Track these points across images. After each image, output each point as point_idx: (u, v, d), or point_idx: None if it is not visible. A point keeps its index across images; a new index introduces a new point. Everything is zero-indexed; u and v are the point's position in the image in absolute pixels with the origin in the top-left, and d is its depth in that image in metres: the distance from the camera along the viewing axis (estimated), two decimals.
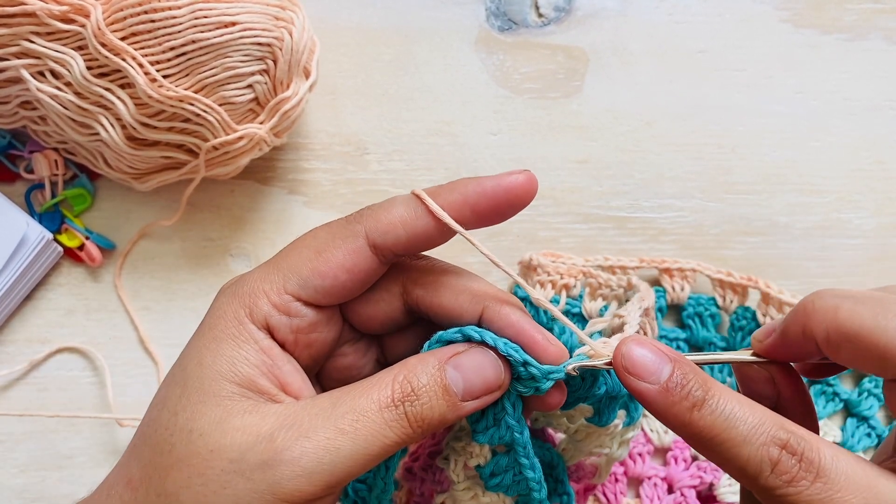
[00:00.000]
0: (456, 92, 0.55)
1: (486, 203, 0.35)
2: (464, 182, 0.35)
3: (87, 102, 0.46)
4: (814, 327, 0.32)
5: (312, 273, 0.34)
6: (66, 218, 0.52)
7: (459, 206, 0.34)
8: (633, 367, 0.32)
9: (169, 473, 0.32)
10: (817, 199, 0.55)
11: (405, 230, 0.34)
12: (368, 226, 0.34)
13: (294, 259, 0.34)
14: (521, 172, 0.35)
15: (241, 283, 0.35)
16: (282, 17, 0.47)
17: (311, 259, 0.34)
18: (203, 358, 0.33)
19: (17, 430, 0.52)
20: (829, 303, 0.32)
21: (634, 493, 0.51)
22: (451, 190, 0.35)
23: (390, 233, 0.34)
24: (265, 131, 0.48)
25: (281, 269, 0.34)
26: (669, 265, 0.52)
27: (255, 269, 0.35)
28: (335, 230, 0.34)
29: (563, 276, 0.50)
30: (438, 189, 0.35)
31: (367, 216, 0.34)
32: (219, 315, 0.34)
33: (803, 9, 0.56)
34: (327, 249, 0.34)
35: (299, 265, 0.34)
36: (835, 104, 0.55)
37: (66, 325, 0.52)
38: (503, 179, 0.35)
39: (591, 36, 0.55)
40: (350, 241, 0.34)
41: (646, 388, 0.32)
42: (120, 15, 0.45)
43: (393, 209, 0.34)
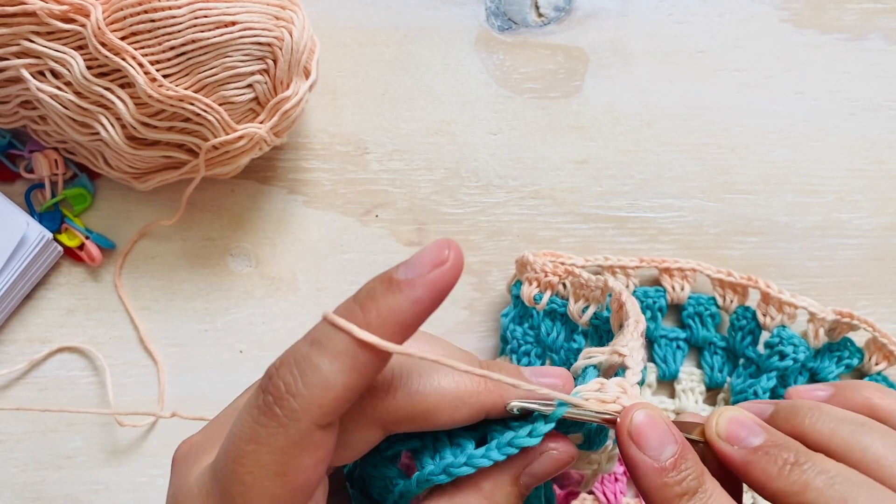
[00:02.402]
0: (456, 92, 0.55)
1: (422, 317, 0.28)
2: (389, 305, 0.28)
3: (87, 102, 0.46)
4: (807, 441, 0.32)
5: (291, 496, 0.28)
6: (66, 217, 0.52)
7: (401, 333, 0.28)
8: (637, 436, 0.31)
9: None
10: (817, 199, 0.55)
11: (354, 392, 0.28)
12: (314, 417, 0.27)
13: (255, 496, 0.27)
14: (446, 258, 0.28)
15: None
16: (282, 17, 0.47)
17: (278, 490, 0.28)
18: None
19: (17, 430, 0.52)
20: (823, 425, 0.32)
21: (634, 492, 0.51)
22: (381, 322, 0.27)
23: (341, 407, 0.28)
24: (265, 131, 0.48)
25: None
26: (669, 265, 0.52)
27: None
28: (277, 444, 0.27)
29: (548, 275, 0.50)
30: (363, 321, 0.27)
31: (299, 406, 0.27)
32: None
33: (803, 9, 0.56)
34: (286, 472, 0.27)
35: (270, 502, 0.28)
36: (835, 104, 0.55)
37: (66, 324, 0.52)
38: (434, 282, 0.28)
39: (591, 36, 0.55)
40: (304, 447, 0.27)
41: (643, 459, 0.31)
42: (120, 14, 0.45)
43: (329, 382, 0.27)
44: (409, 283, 0.28)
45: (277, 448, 0.27)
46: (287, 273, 0.53)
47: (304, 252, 0.53)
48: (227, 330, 0.53)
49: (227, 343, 0.53)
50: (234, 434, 0.28)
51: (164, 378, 0.52)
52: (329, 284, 0.53)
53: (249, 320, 0.53)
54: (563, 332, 0.50)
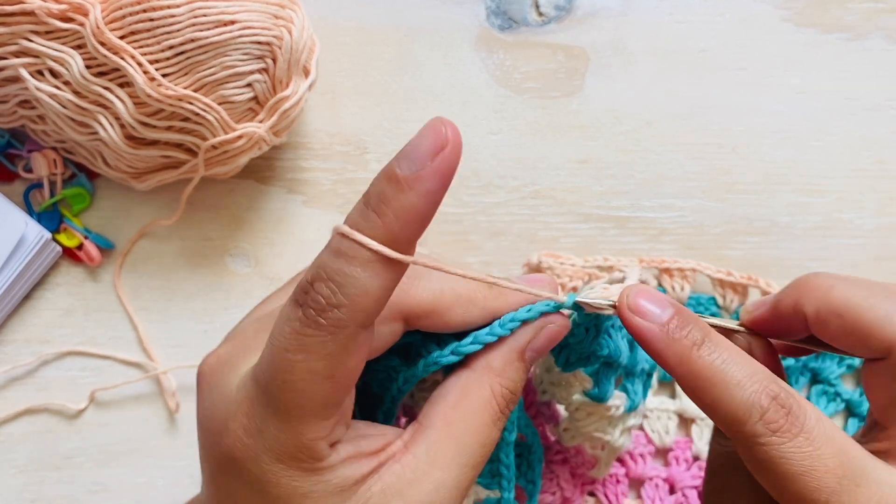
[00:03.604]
0: (456, 91, 0.55)
1: (435, 208, 0.30)
2: (404, 204, 0.29)
3: (86, 101, 0.46)
4: (805, 303, 0.33)
5: (340, 394, 0.30)
6: (65, 217, 0.52)
7: (419, 235, 0.30)
8: (636, 306, 0.33)
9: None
10: (818, 199, 0.54)
11: (387, 296, 0.30)
12: (358, 321, 0.29)
13: (311, 407, 0.30)
14: (447, 140, 0.29)
15: (273, 450, 0.31)
16: (281, 16, 0.47)
17: (329, 391, 0.30)
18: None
19: (16, 431, 0.51)
20: (824, 281, 0.33)
21: (636, 494, 0.51)
22: (402, 224, 0.29)
23: (378, 309, 0.30)
24: (264, 130, 0.48)
25: (308, 424, 0.30)
26: (669, 265, 0.52)
27: (269, 434, 0.31)
28: (326, 351, 0.29)
29: (572, 279, 0.50)
30: (384, 228, 0.29)
31: (344, 316, 0.29)
32: (284, 484, 0.31)
33: (804, 8, 0.56)
34: (337, 374, 0.30)
35: (321, 406, 0.30)
36: (836, 104, 0.55)
37: (65, 324, 0.52)
38: (441, 169, 0.29)
39: (591, 35, 0.55)
40: (351, 349, 0.30)
41: (648, 326, 0.32)
42: (119, 14, 0.45)
43: (368, 290, 0.29)
44: (416, 178, 0.29)
45: (327, 354, 0.29)
46: (286, 273, 0.53)
47: (304, 252, 0.53)
48: (227, 330, 0.52)
49: None
50: (277, 345, 0.29)
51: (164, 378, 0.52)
52: None
53: None
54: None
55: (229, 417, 0.31)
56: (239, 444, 0.31)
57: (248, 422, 0.31)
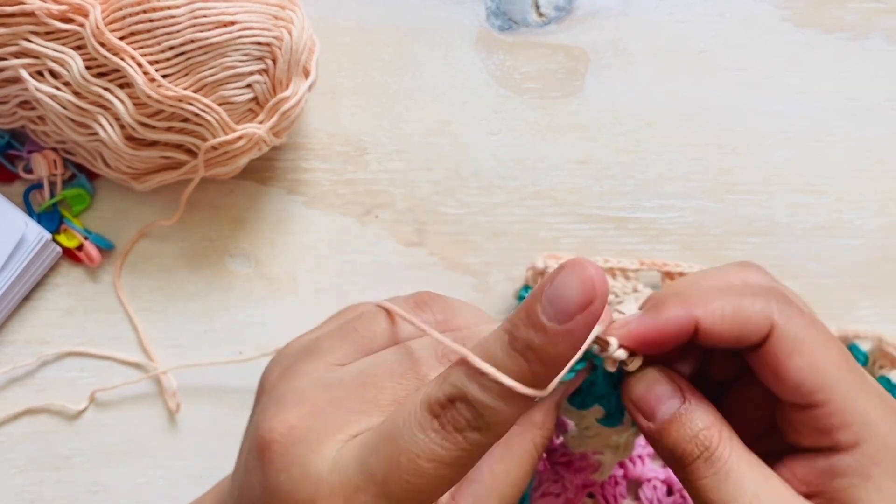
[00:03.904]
0: (456, 92, 0.55)
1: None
2: (548, 352, 0.28)
3: (86, 102, 0.46)
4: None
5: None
6: (65, 218, 0.52)
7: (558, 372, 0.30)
8: (637, 398, 0.34)
9: None
10: (818, 200, 0.54)
11: (516, 420, 0.30)
12: (490, 440, 0.30)
13: (426, 501, 0.30)
14: (594, 294, 0.28)
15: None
16: (281, 17, 0.47)
17: (445, 490, 0.30)
18: None
19: (16, 431, 0.51)
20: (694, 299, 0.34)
21: (634, 495, 0.51)
22: (541, 367, 0.29)
23: (505, 431, 0.30)
24: (264, 131, 0.48)
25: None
26: (671, 268, 0.52)
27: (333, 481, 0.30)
28: (460, 463, 0.30)
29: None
30: (528, 367, 0.29)
31: (484, 438, 0.30)
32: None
33: (804, 8, 0.56)
34: (460, 478, 0.30)
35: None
36: (836, 104, 0.55)
37: (65, 325, 0.52)
38: (585, 324, 0.28)
39: (591, 35, 0.55)
40: (520, 454, 0.35)
41: (645, 425, 0.33)
42: (119, 14, 0.45)
43: (504, 416, 0.29)
44: (566, 333, 0.28)
45: (460, 467, 0.30)
46: (286, 274, 0.53)
47: (304, 252, 0.53)
48: (227, 331, 0.53)
49: (227, 344, 0.53)
50: (406, 449, 0.29)
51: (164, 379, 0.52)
52: (329, 285, 0.53)
53: (248, 321, 0.53)
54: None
55: (320, 499, 0.31)
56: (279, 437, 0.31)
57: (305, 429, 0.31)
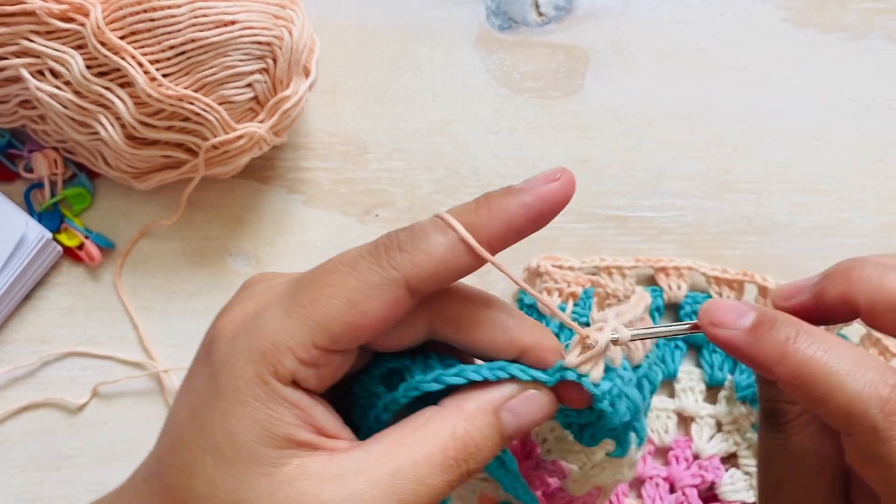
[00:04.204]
0: (456, 91, 0.55)
1: (529, 220, 0.32)
2: (499, 200, 0.32)
3: (87, 101, 0.46)
4: (856, 294, 0.32)
5: (346, 328, 0.30)
6: (66, 217, 0.52)
7: (504, 234, 0.32)
8: (718, 319, 0.32)
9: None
10: (818, 199, 0.54)
11: (447, 271, 0.31)
12: (407, 273, 0.30)
13: (322, 309, 0.30)
14: (559, 174, 0.33)
15: (258, 335, 0.31)
16: (281, 16, 0.47)
17: (344, 312, 0.30)
18: (232, 426, 0.30)
19: (16, 430, 0.51)
20: (873, 272, 0.32)
21: (636, 493, 0.51)
22: (489, 214, 0.31)
23: (432, 278, 0.31)
24: (265, 130, 0.48)
25: (306, 319, 0.30)
26: (665, 264, 0.52)
27: (267, 310, 0.31)
28: (368, 277, 0.30)
29: (571, 285, 0.49)
30: (473, 213, 0.31)
31: (402, 259, 0.30)
32: (237, 375, 0.31)
33: (804, 8, 0.56)
34: (362, 301, 0.30)
35: (329, 318, 0.30)
36: (836, 104, 0.55)
37: (66, 324, 0.52)
38: (542, 190, 0.32)
39: (591, 35, 0.55)
40: (388, 291, 0.30)
41: (735, 335, 0.31)
42: (119, 14, 0.45)
43: (432, 250, 0.31)
44: (521, 189, 0.32)
45: (365, 280, 0.30)
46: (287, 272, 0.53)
47: (304, 252, 0.53)
48: None
49: None
50: (336, 258, 0.32)
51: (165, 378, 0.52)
52: None
53: None
54: None
55: (242, 300, 0.33)
56: (231, 317, 0.33)
57: (254, 304, 0.32)
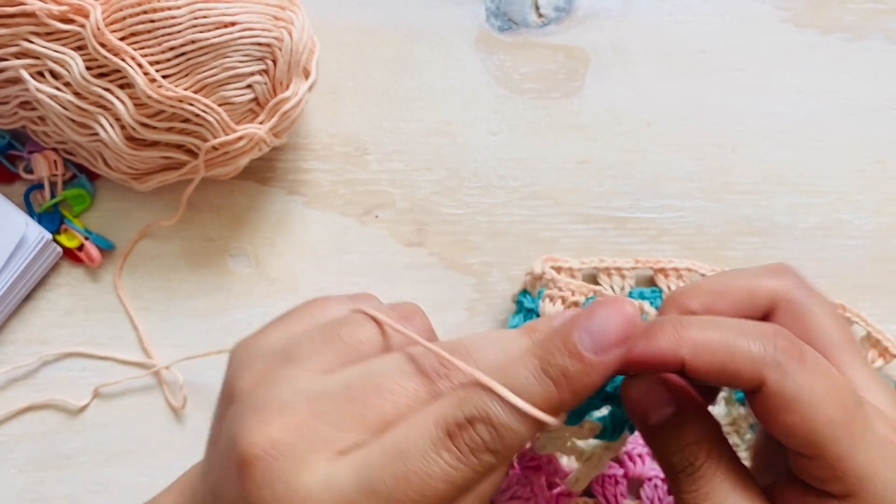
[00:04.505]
0: (456, 92, 0.55)
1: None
2: (581, 379, 0.29)
3: (87, 103, 0.46)
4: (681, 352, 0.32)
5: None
6: (66, 218, 0.52)
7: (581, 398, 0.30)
8: (631, 400, 0.33)
9: None
10: (818, 200, 0.54)
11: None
12: (502, 463, 0.30)
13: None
14: (633, 331, 0.30)
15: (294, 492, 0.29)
16: (281, 17, 0.47)
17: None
18: None
19: (17, 430, 0.52)
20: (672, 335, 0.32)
21: (635, 494, 0.51)
22: (570, 392, 0.29)
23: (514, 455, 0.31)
24: (265, 131, 0.48)
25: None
26: (664, 265, 0.52)
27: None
28: (467, 484, 0.29)
29: (574, 294, 0.49)
30: (556, 392, 0.29)
31: (497, 461, 0.29)
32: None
33: (804, 9, 0.56)
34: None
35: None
36: (836, 104, 0.55)
37: (66, 325, 0.52)
38: (621, 359, 0.30)
39: (591, 36, 0.55)
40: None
41: (639, 426, 0.33)
42: (119, 15, 0.45)
43: (523, 439, 0.30)
44: (603, 364, 0.29)
45: (465, 488, 0.29)
46: (287, 273, 0.53)
47: (304, 252, 0.53)
48: (227, 330, 0.53)
49: (227, 343, 0.52)
50: (415, 468, 0.29)
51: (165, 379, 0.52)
52: (329, 285, 0.53)
53: (249, 321, 0.53)
54: None
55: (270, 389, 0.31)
56: (263, 431, 0.30)
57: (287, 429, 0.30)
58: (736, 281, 0.35)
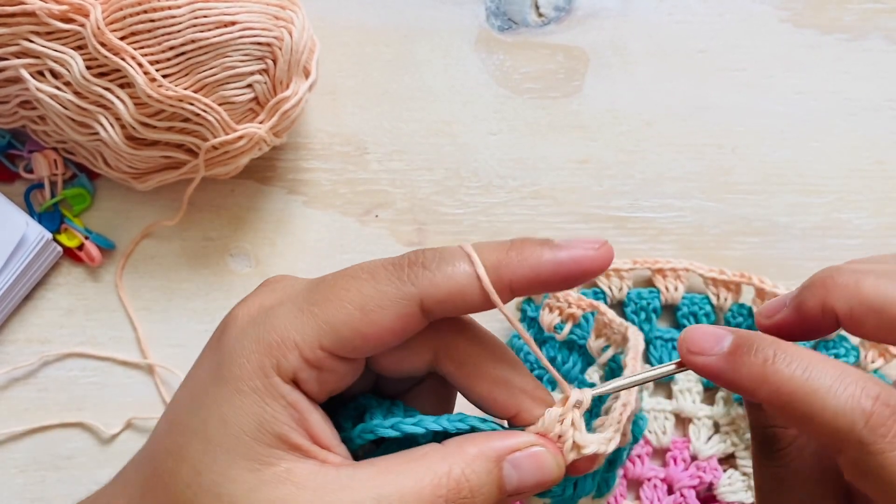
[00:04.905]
0: (456, 92, 0.55)
1: (555, 277, 0.31)
2: (533, 248, 0.31)
3: (87, 102, 0.46)
4: (834, 302, 0.31)
5: (354, 334, 0.30)
6: (66, 218, 0.52)
7: (528, 281, 0.31)
8: (693, 344, 0.31)
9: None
10: (817, 200, 0.55)
11: (463, 301, 0.31)
12: (425, 291, 0.30)
13: (333, 311, 0.30)
14: (599, 245, 0.31)
15: (268, 327, 0.31)
16: (281, 17, 0.47)
17: (355, 317, 0.30)
18: (226, 415, 0.30)
19: (17, 430, 0.52)
20: (850, 278, 0.31)
21: (634, 495, 0.51)
22: (519, 261, 0.31)
23: (447, 302, 0.31)
24: (265, 131, 0.48)
25: (317, 319, 0.30)
26: (662, 265, 0.52)
27: (281, 307, 0.31)
28: (384, 288, 0.30)
29: (572, 306, 0.49)
30: (504, 255, 0.31)
31: (422, 278, 0.30)
32: (240, 364, 0.31)
33: (803, 9, 0.56)
34: (374, 311, 0.30)
35: (339, 321, 0.30)
36: (835, 104, 0.55)
37: (66, 325, 0.52)
38: (578, 253, 0.31)
39: (591, 36, 0.55)
40: (402, 306, 0.30)
41: (713, 361, 0.31)
42: (119, 14, 0.45)
43: (455, 275, 0.30)
44: (558, 245, 0.31)
45: (381, 290, 0.30)
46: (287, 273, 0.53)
47: (304, 252, 0.53)
48: None
49: None
50: (357, 265, 0.32)
51: (163, 378, 0.52)
52: None
53: None
54: (579, 363, 0.50)
55: (260, 294, 0.33)
56: (246, 309, 0.32)
57: (271, 299, 0.32)
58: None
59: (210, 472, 0.30)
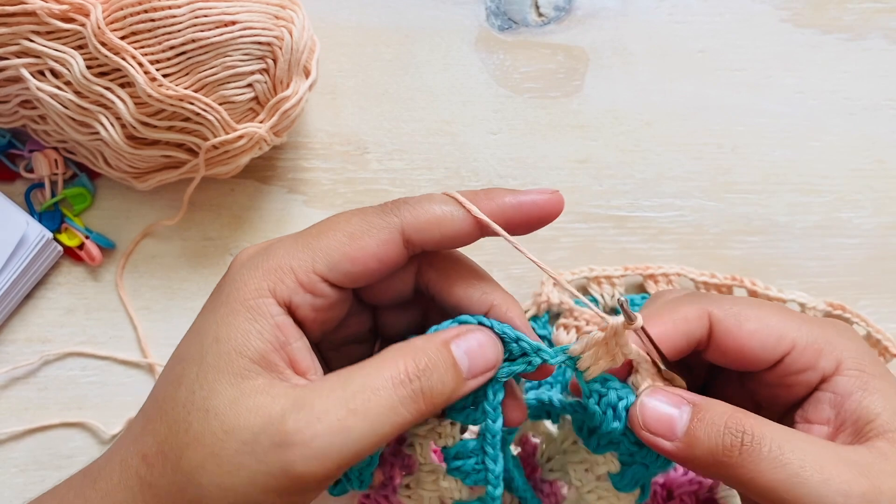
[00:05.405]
0: (456, 91, 0.55)
1: (517, 216, 0.36)
2: (499, 192, 0.36)
3: (87, 101, 0.46)
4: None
5: (344, 258, 0.34)
6: (66, 217, 0.52)
7: (494, 216, 0.36)
8: (648, 425, 0.35)
9: (185, 452, 0.32)
10: (817, 199, 0.55)
11: (440, 230, 0.35)
12: (405, 220, 0.35)
13: (326, 240, 0.35)
14: (552, 192, 0.36)
15: (267, 255, 0.35)
16: (282, 17, 0.47)
17: (344, 243, 0.35)
18: (219, 333, 0.34)
19: (17, 430, 0.52)
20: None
21: None
22: (488, 198, 0.36)
23: (426, 231, 0.35)
24: (265, 130, 0.48)
25: (311, 247, 0.35)
26: (653, 271, 0.52)
27: (280, 242, 0.36)
28: (370, 219, 0.35)
29: (589, 323, 0.50)
30: (474, 195, 0.36)
31: (403, 210, 0.35)
32: (239, 286, 0.34)
33: (803, 8, 0.56)
34: (361, 237, 0.35)
35: (331, 248, 0.35)
36: (835, 104, 0.55)
37: (66, 324, 0.52)
38: (535, 196, 0.36)
39: (591, 35, 0.55)
40: (385, 233, 0.35)
41: (669, 447, 0.35)
42: (120, 14, 0.45)
43: (431, 207, 0.35)
44: (519, 191, 0.36)
45: (367, 220, 0.35)
46: None
47: None
48: None
49: None
50: (347, 212, 0.36)
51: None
52: None
53: None
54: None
55: (265, 241, 0.37)
56: (251, 248, 0.37)
57: (274, 240, 0.36)
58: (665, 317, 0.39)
59: (201, 390, 0.33)
